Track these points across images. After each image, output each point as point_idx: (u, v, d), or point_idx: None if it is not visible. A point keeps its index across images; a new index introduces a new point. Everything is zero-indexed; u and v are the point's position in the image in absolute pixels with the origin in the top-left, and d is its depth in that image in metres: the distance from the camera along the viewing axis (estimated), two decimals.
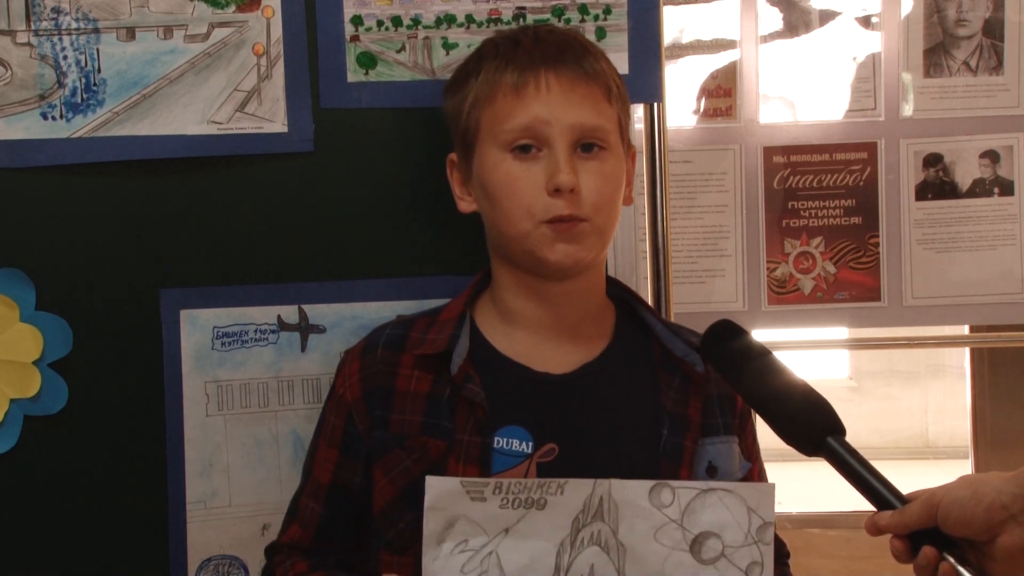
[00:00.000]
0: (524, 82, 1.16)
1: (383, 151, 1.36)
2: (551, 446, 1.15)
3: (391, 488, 1.17)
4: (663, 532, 1.03)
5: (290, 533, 1.24)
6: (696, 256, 1.89)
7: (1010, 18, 1.87)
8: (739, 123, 1.90)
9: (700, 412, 1.21)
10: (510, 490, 1.01)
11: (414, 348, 1.20)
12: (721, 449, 1.21)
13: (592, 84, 1.18)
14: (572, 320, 1.21)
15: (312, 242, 1.35)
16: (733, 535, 1.03)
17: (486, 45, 1.24)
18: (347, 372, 1.22)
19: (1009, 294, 1.89)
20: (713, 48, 1.93)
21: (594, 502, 1.02)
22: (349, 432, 1.21)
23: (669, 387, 1.21)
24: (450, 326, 1.20)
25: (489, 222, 1.21)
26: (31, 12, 1.31)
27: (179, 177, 1.33)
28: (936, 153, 1.88)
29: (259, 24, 1.34)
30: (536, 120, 1.15)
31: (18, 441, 1.32)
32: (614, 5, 1.37)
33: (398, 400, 1.18)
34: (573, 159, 1.15)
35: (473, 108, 1.19)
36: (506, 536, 1.02)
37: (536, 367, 1.19)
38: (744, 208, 1.88)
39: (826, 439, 1.03)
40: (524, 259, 1.18)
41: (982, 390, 2.38)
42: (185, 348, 1.33)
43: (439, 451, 1.15)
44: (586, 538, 1.02)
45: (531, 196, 1.15)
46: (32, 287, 1.31)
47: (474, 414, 1.15)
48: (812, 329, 2.01)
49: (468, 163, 1.22)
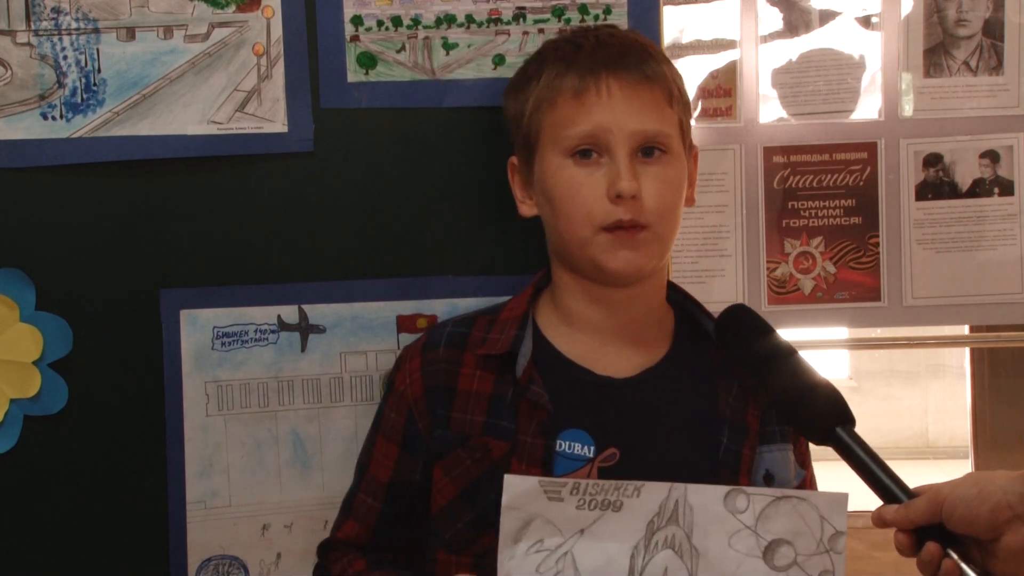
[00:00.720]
0: (585, 87, 1.15)
1: (383, 151, 1.36)
2: (612, 450, 1.15)
3: (451, 487, 1.17)
4: (737, 538, 1.03)
5: (345, 529, 1.24)
6: (696, 256, 1.89)
7: (1010, 18, 1.87)
8: (739, 123, 1.90)
9: (758, 420, 1.20)
10: (587, 491, 1.01)
11: (476, 347, 1.19)
12: (778, 457, 1.21)
13: (654, 88, 1.17)
14: (633, 325, 1.21)
15: (312, 242, 1.35)
16: (806, 543, 1.03)
17: (547, 48, 1.23)
18: (408, 369, 1.22)
19: (1009, 294, 1.89)
20: (713, 48, 1.93)
21: (669, 505, 1.02)
22: (410, 429, 1.21)
23: (728, 394, 1.20)
24: (513, 326, 1.20)
25: (550, 227, 1.21)
26: (31, 12, 1.31)
27: (179, 177, 1.33)
28: (936, 153, 1.88)
29: (259, 24, 1.34)
30: (597, 127, 1.14)
31: (18, 441, 1.32)
32: (614, 5, 1.37)
33: (460, 399, 1.18)
34: (634, 165, 1.14)
35: (535, 112, 1.19)
36: (581, 537, 1.02)
37: (598, 370, 1.19)
38: (744, 208, 1.88)
39: (835, 429, 1.04)
40: (585, 265, 1.18)
41: (982, 390, 2.38)
42: (185, 348, 1.33)
43: (502, 452, 1.15)
44: (660, 541, 1.02)
45: (592, 202, 1.14)
46: (32, 287, 1.31)
47: (537, 416, 1.15)
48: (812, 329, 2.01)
49: (529, 167, 1.22)
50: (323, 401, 1.35)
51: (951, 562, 0.96)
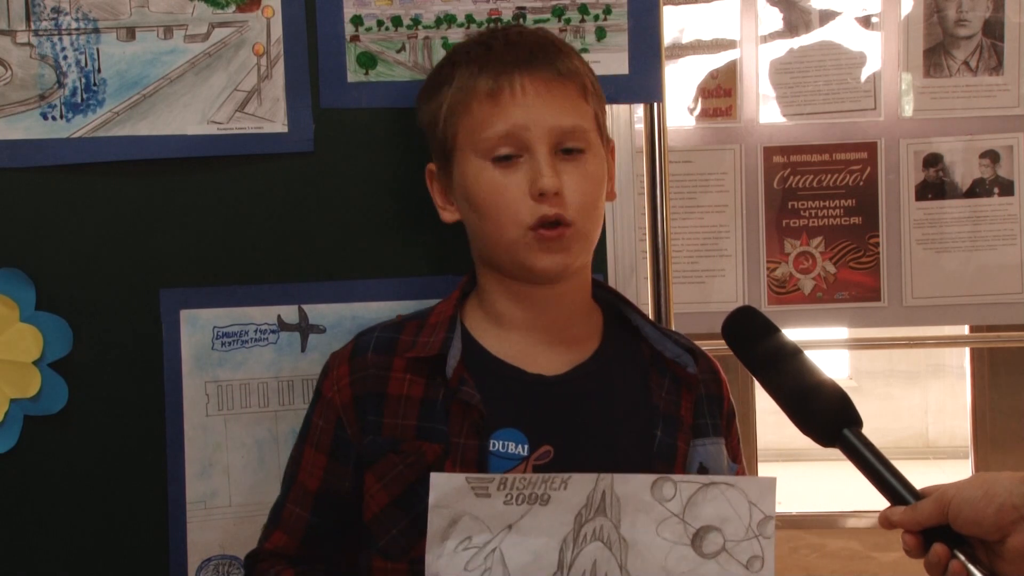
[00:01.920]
0: (499, 87, 1.15)
1: (383, 151, 1.36)
2: (546, 448, 1.15)
3: (384, 494, 1.16)
4: (665, 526, 1.03)
5: (274, 540, 1.22)
6: (696, 256, 1.89)
7: (1010, 18, 1.87)
8: (739, 123, 1.90)
9: (692, 413, 1.21)
10: (514, 486, 1.01)
11: (406, 351, 1.19)
12: (711, 450, 1.21)
13: (567, 84, 1.17)
14: (561, 322, 1.21)
15: (312, 242, 1.35)
16: (734, 529, 1.03)
17: (457, 51, 1.22)
18: (335, 376, 1.21)
19: (1009, 294, 1.89)
20: (713, 48, 1.93)
21: (597, 497, 1.02)
22: (339, 436, 1.19)
23: (660, 387, 1.21)
24: (441, 329, 1.19)
25: (474, 231, 1.20)
26: (31, 12, 1.31)
27: (179, 177, 1.33)
28: (936, 153, 1.88)
29: (259, 24, 1.34)
30: (515, 126, 1.14)
31: (18, 441, 1.32)
32: (614, 5, 1.37)
33: (391, 404, 1.17)
34: (555, 162, 1.14)
35: (449, 117, 1.18)
36: (509, 532, 1.02)
37: (529, 369, 1.19)
38: (744, 208, 1.88)
39: (842, 431, 1.04)
40: (511, 267, 1.17)
41: (982, 390, 2.38)
42: (185, 348, 1.33)
43: (435, 455, 1.14)
44: (589, 533, 1.02)
45: (516, 203, 1.14)
46: (32, 287, 1.31)
47: (470, 417, 1.15)
48: (812, 329, 2.01)
49: (448, 173, 1.21)
50: None
51: (958, 563, 0.96)
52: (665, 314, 1.54)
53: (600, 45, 1.37)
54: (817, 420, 1.06)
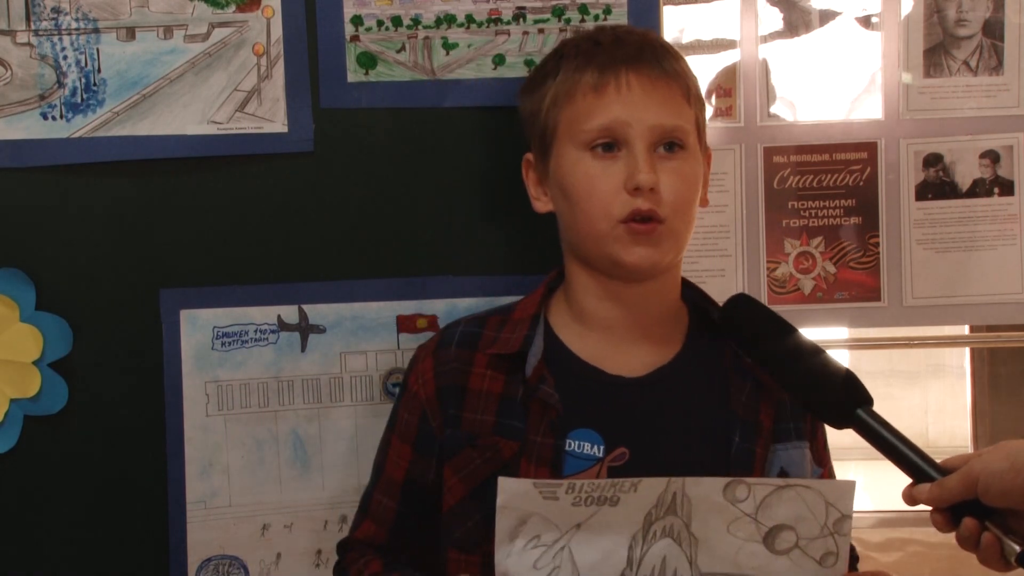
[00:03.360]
0: (604, 82, 1.15)
1: (383, 151, 1.36)
2: (622, 450, 1.15)
3: (461, 487, 1.17)
4: (737, 525, 1.02)
5: (364, 529, 1.25)
6: (696, 256, 1.89)
7: (1010, 18, 1.87)
8: (739, 123, 1.90)
9: (772, 418, 1.20)
10: (583, 489, 1.01)
11: (488, 347, 1.19)
12: (793, 455, 1.20)
13: (672, 84, 1.17)
14: (646, 322, 1.20)
15: (312, 242, 1.35)
16: (808, 528, 1.02)
17: (565, 45, 1.23)
18: (421, 369, 1.22)
19: (1009, 294, 1.89)
20: (713, 48, 1.93)
21: (667, 498, 1.02)
22: (423, 429, 1.21)
23: (741, 392, 1.20)
24: (524, 326, 1.19)
25: (566, 222, 1.21)
26: (31, 12, 1.31)
27: (179, 177, 1.33)
28: (936, 153, 1.88)
29: (259, 24, 1.34)
30: (616, 120, 1.14)
31: (18, 441, 1.32)
32: (614, 5, 1.37)
33: (471, 399, 1.18)
34: (653, 159, 1.14)
35: (552, 107, 1.18)
36: (578, 531, 1.02)
37: (609, 369, 1.19)
38: (744, 208, 1.88)
39: (856, 411, 1.03)
40: (600, 260, 1.17)
41: (982, 390, 2.38)
42: (185, 348, 1.33)
43: (511, 451, 1.15)
44: (658, 531, 1.02)
45: (610, 195, 1.14)
46: (32, 287, 1.31)
47: (547, 415, 1.15)
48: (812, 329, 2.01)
49: (545, 163, 1.21)
50: (323, 401, 1.35)
51: (991, 535, 0.96)
52: None
53: None
54: (829, 402, 1.05)
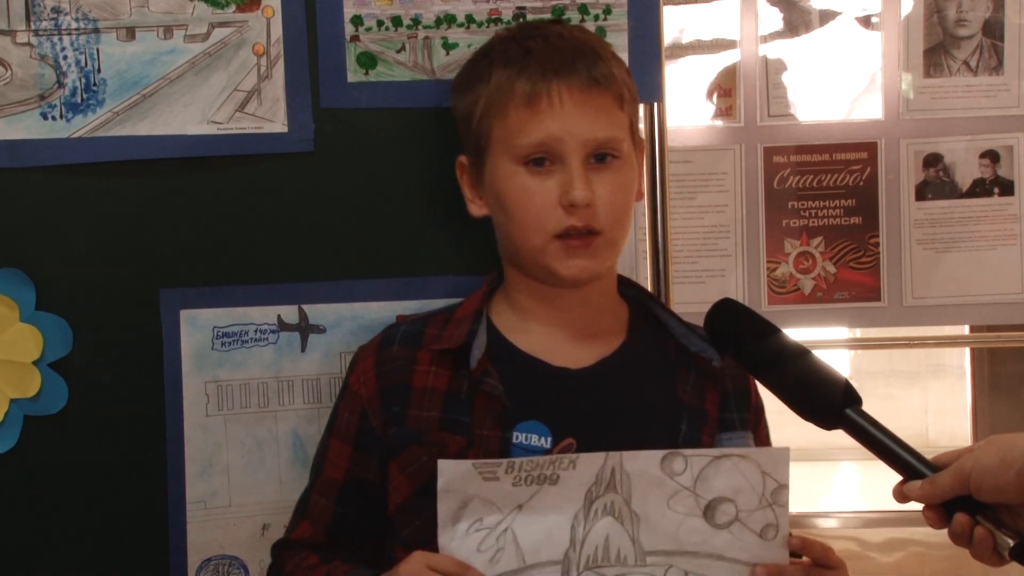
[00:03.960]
0: (536, 94, 1.14)
1: (383, 151, 1.36)
2: (569, 441, 1.15)
3: (408, 485, 1.17)
4: (676, 499, 1.03)
5: (300, 530, 1.24)
6: (696, 256, 1.89)
7: (1010, 18, 1.87)
8: (739, 123, 1.90)
9: (717, 407, 1.21)
10: (522, 468, 1.01)
11: (431, 344, 1.20)
12: (738, 444, 1.21)
13: (604, 93, 1.16)
14: (586, 319, 1.21)
15: (312, 242, 1.35)
16: (747, 499, 1.03)
17: (496, 47, 1.22)
18: (361, 368, 1.22)
19: (1009, 294, 1.89)
20: (713, 48, 1.93)
21: (606, 474, 1.02)
22: (364, 428, 1.20)
23: (686, 382, 1.21)
24: (467, 322, 1.20)
25: (502, 230, 1.21)
26: (31, 12, 1.31)
27: (179, 177, 1.33)
28: (936, 153, 1.88)
29: (259, 24, 1.34)
30: (549, 136, 1.14)
31: (18, 441, 1.32)
32: (614, 5, 1.37)
33: (415, 396, 1.18)
34: (587, 172, 1.14)
35: (485, 117, 1.18)
36: (520, 512, 1.02)
37: (554, 362, 1.19)
38: (744, 208, 1.88)
39: (845, 411, 1.03)
40: (537, 271, 1.18)
41: (982, 390, 2.38)
42: (185, 348, 1.33)
43: (458, 447, 1.15)
44: (600, 509, 1.02)
45: (545, 211, 1.14)
46: (32, 287, 1.31)
47: (493, 409, 1.15)
48: (812, 329, 2.01)
49: (479, 169, 1.21)
50: (323, 401, 1.35)
51: (983, 529, 0.96)
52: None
53: None
54: (819, 403, 1.05)
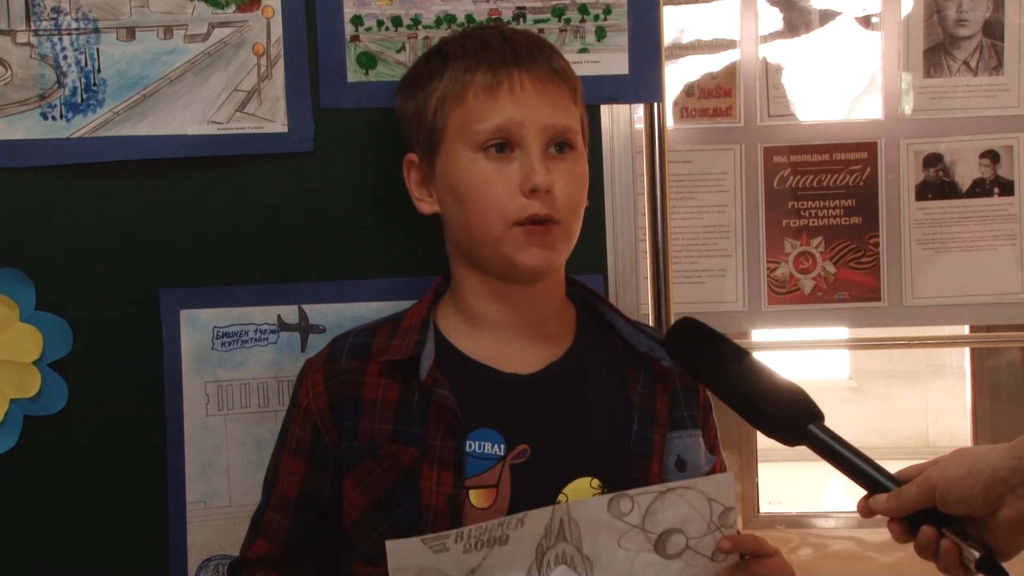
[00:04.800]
0: (498, 82, 1.15)
1: (383, 151, 1.36)
2: (523, 447, 1.15)
3: (363, 499, 1.16)
4: (626, 538, 1.03)
5: (256, 548, 1.22)
6: (696, 256, 1.89)
7: (1010, 18, 1.87)
8: (739, 123, 1.90)
9: (667, 406, 1.21)
10: (471, 535, 1.00)
11: (380, 355, 1.18)
12: (689, 443, 1.21)
13: (562, 84, 1.18)
14: (536, 321, 1.21)
15: (312, 242, 1.35)
16: (695, 527, 1.03)
17: (450, 45, 1.22)
18: (310, 383, 1.20)
19: (1009, 294, 1.89)
20: (713, 48, 1.93)
21: (555, 526, 1.02)
22: (316, 443, 1.19)
23: (635, 382, 1.21)
24: (414, 332, 1.19)
25: (456, 224, 1.20)
26: (31, 12, 1.31)
27: (179, 177, 1.33)
28: (936, 153, 1.88)
29: (259, 24, 1.34)
30: (510, 121, 1.14)
31: (18, 441, 1.32)
32: (614, 5, 1.37)
33: (366, 409, 1.17)
34: (546, 160, 1.15)
35: (440, 108, 1.17)
36: None
37: (504, 368, 1.18)
38: (744, 208, 1.88)
39: (807, 427, 1.03)
40: (494, 262, 1.17)
41: (982, 390, 2.38)
42: (185, 348, 1.33)
43: (412, 458, 1.14)
44: (551, 560, 1.02)
45: (505, 197, 1.14)
46: (32, 287, 1.31)
47: (445, 419, 1.14)
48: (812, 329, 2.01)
49: (431, 163, 1.20)
50: None
51: (949, 542, 0.96)
52: (665, 314, 1.54)
53: (600, 45, 1.37)
54: (780, 421, 1.05)
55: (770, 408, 1.05)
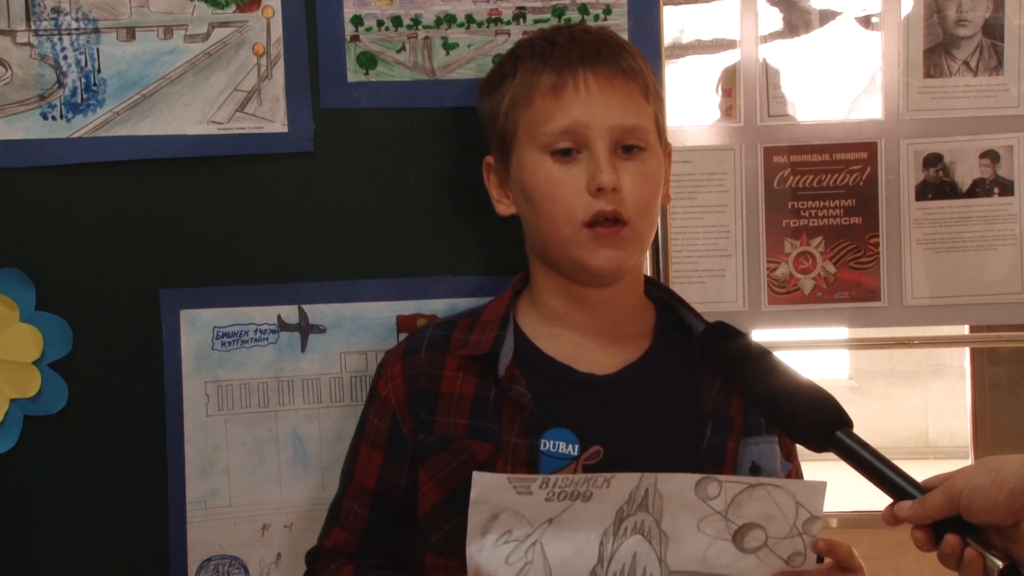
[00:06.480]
0: (563, 83, 1.15)
1: (383, 151, 1.36)
2: (596, 448, 1.14)
3: (437, 491, 1.17)
4: (707, 522, 1.02)
5: (333, 537, 1.23)
6: (696, 256, 1.89)
7: (1010, 18, 1.87)
8: (739, 123, 1.90)
9: (742, 413, 1.20)
10: (557, 484, 1.00)
11: (458, 349, 1.19)
12: (764, 449, 1.20)
13: (630, 83, 1.17)
14: (613, 322, 1.21)
15: (312, 242, 1.35)
16: (778, 527, 1.02)
17: (521, 46, 1.23)
18: (390, 374, 1.21)
19: (1009, 294, 1.89)
20: (713, 48, 1.93)
21: (639, 494, 1.02)
22: (394, 434, 1.20)
23: (710, 387, 1.20)
24: (493, 327, 1.19)
25: (530, 225, 1.20)
26: (31, 12, 1.31)
27: (179, 177, 1.33)
28: (936, 153, 1.88)
29: (259, 24, 1.34)
30: (575, 123, 1.14)
31: (18, 441, 1.32)
32: (614, 5, 1.37)
33: (443, 402, 1.17)
34: (614, 160, 1.14)
35: (511, 110, 1.18)
36: (550, 526, 1.01)
37: (580, 368, 1.19)
38: (744, 208, 1.88)
39: (835, 434, 1.03)
40: (565, 264, 1.17)
41: (982, 390, 2.38)
42: (185, 348, 1.33)
43: (486, 454, 1.14)
44: (629, 527, 1.02)
45: (573, 198, 1.14)
46: (32, 287, 1.31)
47: (521, 416, 1.15)
48: (812, 329, 2.01)
49: (506, 165, 1.21)
50: (323, 401, 1.35)
51: (973, 551, 0.95)
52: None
53: None
54: (808, 427, 1.05)
55: (799, 414, 1.05)
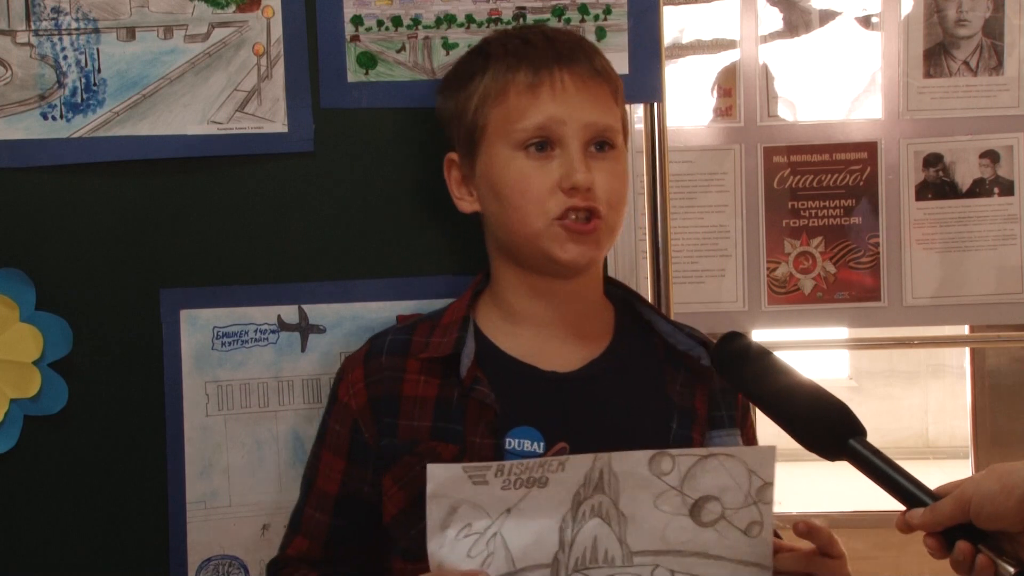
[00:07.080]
0: (539, 80, 1.16)
1: (383, 151, 1.36)
2: (562, 445, 1.15)
3: (402, 495, 1.17)
4: (663, 499, 1.03)
5: (296, 545, 1.23)
6: (696, 256, 1.89)
7: (1010, 18, 1.87)
8: (739, 123, 1.90)
9: (706, 405, 1.21)
10: (512, 471, 1.00)
11: (419, 352, 1.19)
12: (727, 441, 1.21)
13: (603, 83, 1.19)
14: (575, 318, 1.21)
15: (312, 242, 1.35)
16: (733, 497, 1.03)
17: (491, 44, 1.23)
18: (350, 380, 1.21)
19: (1009, 294, 1.89)
20: (713, 48, 1.93)
21: (595, 475, 1.02)
22: (356, 440, 1.20)
23: (675, 381, 1.21)
24: (454, 329, 1.19)
25: (496, 222, 1.21)
26: (31, 12, 1.31)
27: (179, 177, 1.33)
28: (936, 153, 1.88)
29: (259, 24, 1.34)
30: (551, 119, 1.15)
31: (18, 441, 1.32)
32: (614, 5, 1.37)
33: (405, 406, 1.17)
34: (587, 158, 1.15)
35: (482, 106, 1.18)
36: (509, 516, 1.01)
37: (543, 366, 1.19)
38: (744, 208, 1.88)
39: (848, 442, 1.03)
40: (534, 258, 1.18)
41: (982, 390, 2.38)
42: (185, 348, 1.33)
43: (451, 455, 1.14)
44: (587, 510, 1.02)
45: (545, 194, 1.15)
46: (32, 287, 1.31)
47: (485, 416, 1.15)
48: (812, 329, 2.01)
49: (471, 162, 1.21)
50: (323, 401, 1.35)
51: (985, 557, 0.96)
52: (665, 313, 1.54)
53: (600, 45, 1.37)
54: (821, 436, 1.05)
55: (812, 422, 1.05)
